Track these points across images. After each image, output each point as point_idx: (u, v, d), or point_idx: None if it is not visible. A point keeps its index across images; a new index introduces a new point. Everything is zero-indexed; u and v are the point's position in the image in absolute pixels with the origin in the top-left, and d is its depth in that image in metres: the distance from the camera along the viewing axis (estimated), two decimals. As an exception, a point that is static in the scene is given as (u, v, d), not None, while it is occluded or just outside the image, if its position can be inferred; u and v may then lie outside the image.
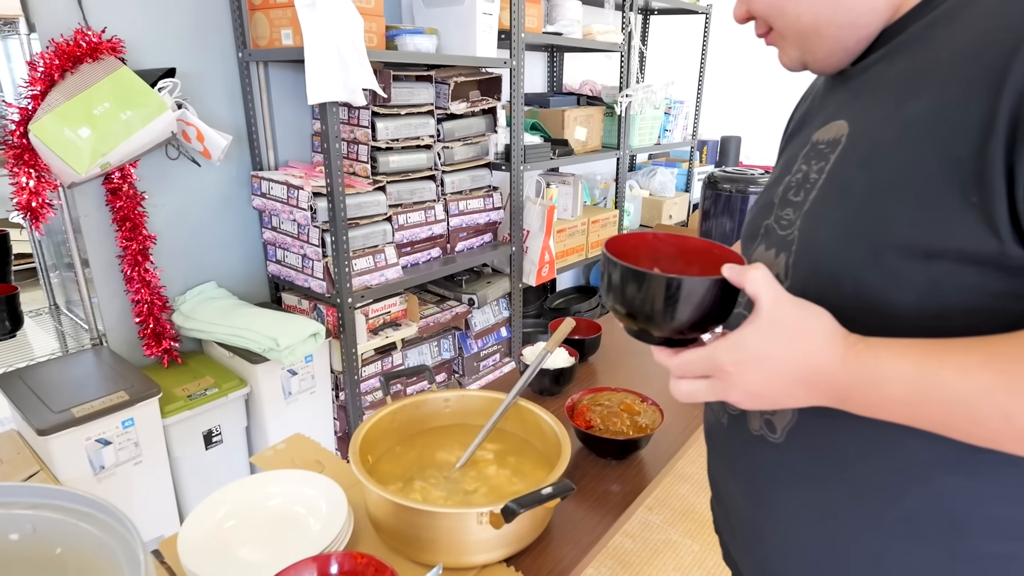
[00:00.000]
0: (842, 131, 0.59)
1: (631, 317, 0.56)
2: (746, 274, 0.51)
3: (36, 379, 1.59)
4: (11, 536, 0.61)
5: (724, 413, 0.71)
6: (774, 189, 0.68)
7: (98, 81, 1.53)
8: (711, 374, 0.53)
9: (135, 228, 1.73)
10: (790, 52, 0.63)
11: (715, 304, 0.53)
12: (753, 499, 0.67)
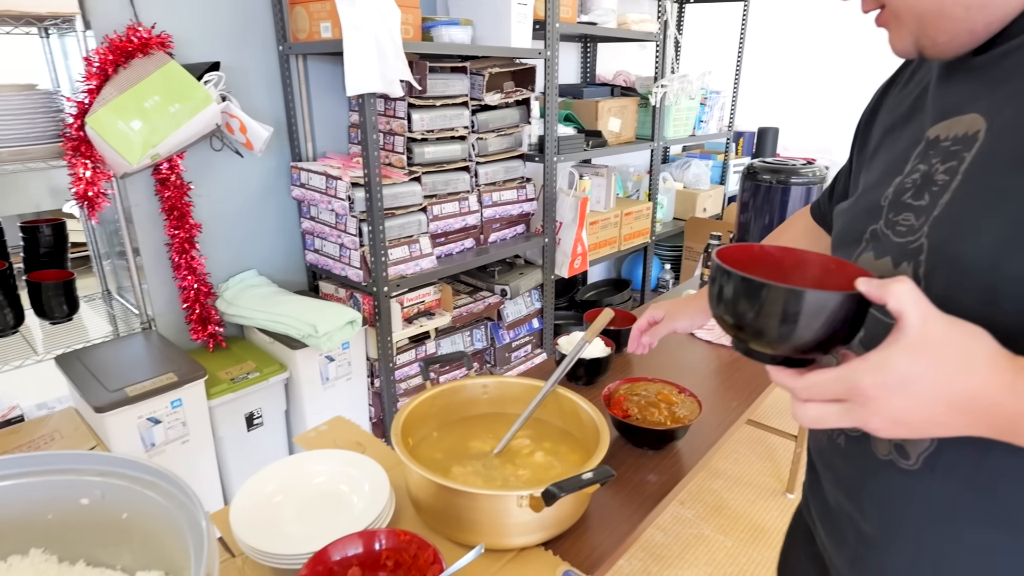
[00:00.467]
0: (976, 126, 0.53)
1: (746, 332, 0.51)
2: (888, 288, 0.45)
3: (92, 360, 1.67)
4: (82, 501, 0.66)
5: (840, 434, 0.65)
6: (879, 191, 0.62)
7: (149, 75, 1.59)
8: (847, 398, 0.47)
9: (182, 217, 1.80)
10: (904, 35, 0.56)
11: (846, 321, 0.48)
12: (885, 529, 0.61)
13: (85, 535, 0.67)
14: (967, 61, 0.56)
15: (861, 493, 0.63)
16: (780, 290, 0.48)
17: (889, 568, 0.61)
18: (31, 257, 1.91)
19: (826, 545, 0.71)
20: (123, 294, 2.16)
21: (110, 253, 2.14)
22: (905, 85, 0.68)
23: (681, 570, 1.96)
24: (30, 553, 0.66)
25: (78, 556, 0.68)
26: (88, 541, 0.67)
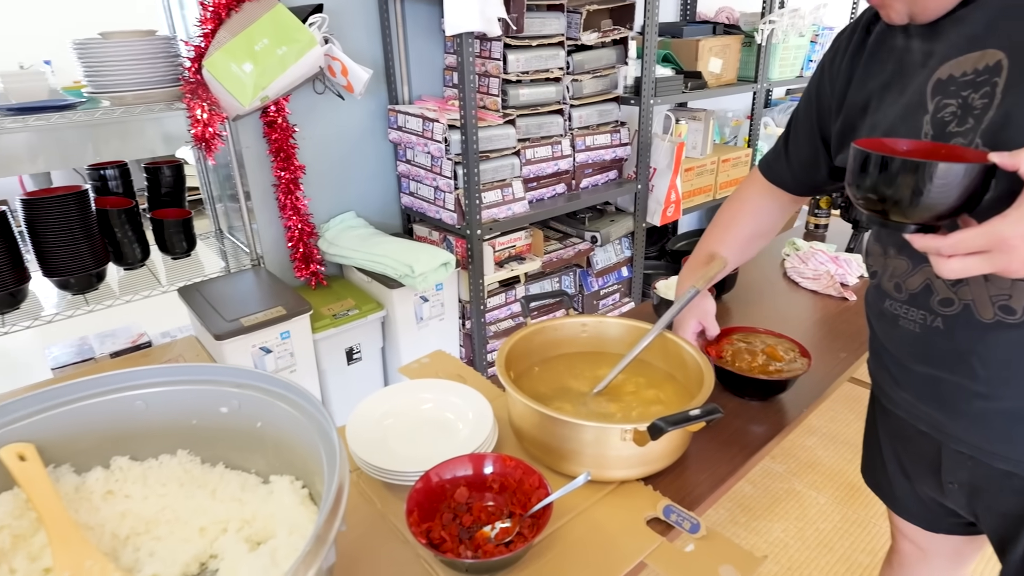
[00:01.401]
0: (995, 57, 0.65)
1: (891, 205, 0.60)
2: (1019, 156, 0.55)
3: (209, 292, 1.80)
4: (221, 409, 0.72)
5: (935, 317, 0.75)
6: (908, 129, 0.73)
7: (258, 19, 1.64)
8: (991, 248, 0.56)
9: (288, 159, 1.87)
10: (898, 7, 0.71)
11: (976, 189, 0.58)
12: (999, 383, 0.72)
13: (224, 440, 0.73)
14: (953, 14, 0.69)
15: (969, 360, 0.74)
16: (929, 165, 0.57)
17: (1011, 410, 0.73)
18: (154, 197, 2.06)
19: (937, 421, 0.81)
20: (233, 233, 2.30)
21: (222, 195, 2.27)
22: (860, 53, 0.83)
23: (770, 523, 1.93)
24: (177, 453, 0.73)
25: (218, 459, 0.74)
26: (226, 446, 0.73)
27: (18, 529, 0.63)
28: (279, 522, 0.65)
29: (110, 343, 2.09)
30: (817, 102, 0.91)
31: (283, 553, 0.60)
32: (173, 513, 0.69)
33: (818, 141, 0.93)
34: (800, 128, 0.95)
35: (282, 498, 0.67)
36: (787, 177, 1.01)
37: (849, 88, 0.85)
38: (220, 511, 0.68)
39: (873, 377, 0.95)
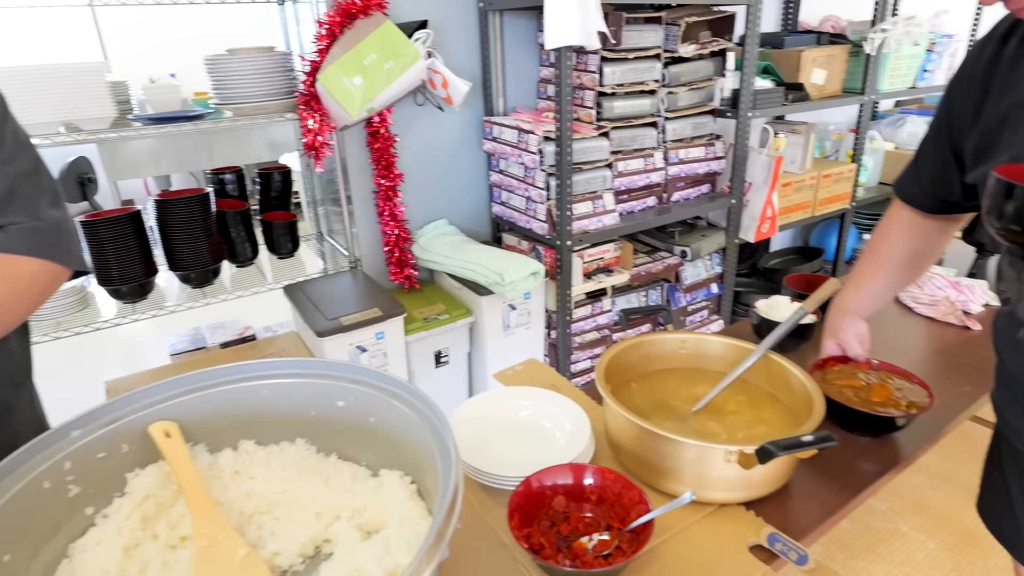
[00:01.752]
0: None
1: None
2: None
3: (311, 291, 1.90)
4: (338, 403, 0.76)
5: None
6: None
7: (368, 35, 1.73)
8: None
9: (388, 167, 1.96)
10: None
11: None
12: None
13: (338, 432, 0.77)
14: None
15: None
16: None
17: None
18: (264, 200, 2.20)
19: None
20: (333, 236, 2.42)
21: (324, 200, 2.40)
22: (997, 64, 0.78)
23: (870, 563, 1.81)
24: (296, 441, 0.78)
25: (332, 449, 0.79)
26: (340, 438, 0.78)
27: (161, 498, 0.70)
28: (389, 513, 0.68)
29: (220, 334, 2.24)
30: (947, 116, 0.87)
31: (396, 544, 0.62)
32: (292, 497, 0.73)
33: (949, 156, 0.89)
34: (931, 142, 0.93)
35: (392, 491, 0.70)
36: (918, 194, 0.98)
37: (986, 101, 0.81)
38: (333, 499, 0.72)
39: (1001, 412, 0.88)
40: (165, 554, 0.66)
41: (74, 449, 0.65)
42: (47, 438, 0.65)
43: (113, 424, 0.69)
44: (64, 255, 0.80)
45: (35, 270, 0.76)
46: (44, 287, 0.79)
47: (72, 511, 0.65)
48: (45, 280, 0.79)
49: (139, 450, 0.71)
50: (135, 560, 0.64)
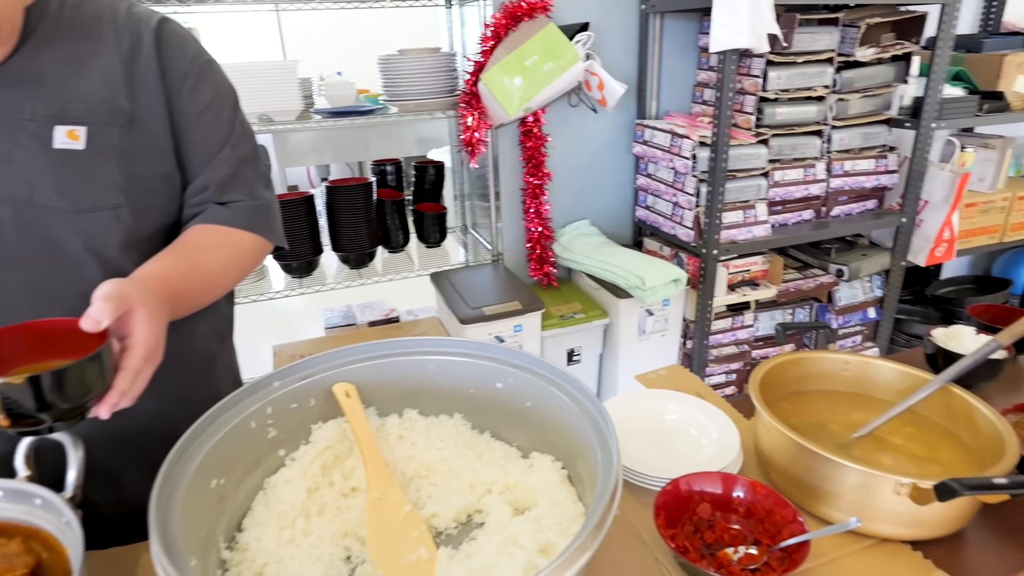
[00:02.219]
0: None
1: None
2: None
3: (456, 280, 2.00)
4: (497, 384, 0.80)
5: None
6: None
7: (531, 37, 1.79)
8: None
9: (538, 166, 2.01)
10: None
11: None
12: None
13: (494, 412, 0.81)
14: None
15: None
16: None
17: None
18: (418, 191, 2.34)
19: None
20: (477, 229, 2.52)
21: (471, 195, 2.50)
22: None
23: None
24: (454, 416, 0.83)
25: (486, 428, 0.83)
26: (495, 418, 0.82)
27: (338, 451, 0.78)
28: (540, 494, 0.71)
29: (368, 313, 2.42)
30: None
31: (548, 522, 0.65)
32: (448, 466, 0.78)
33: None
34: None
35: (543, 473, 0.73)
36: None
37: None
38: (486, 473, 0.77)
39: None
40: (339, 500, 0.74)
41: (274, 397, 0.75)
42: (255, 385, 0.74)
43: (305, 380, 0.78)
44: (272, 232, 0.90)
45: (250, 243, 0.87)
46: (254, 258, 0.89)
47: (269, 451, 0.75)
48: (256, 252, 0.89)
49: (323, 405, 0.79)
50: (315, 501, 0.72)
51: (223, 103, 0.86)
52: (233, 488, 0.70)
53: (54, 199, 0.73)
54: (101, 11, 0.79)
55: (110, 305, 0.60)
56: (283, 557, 0.66)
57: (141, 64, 0.78)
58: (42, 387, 0.55)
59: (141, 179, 0.79)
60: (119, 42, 0.78)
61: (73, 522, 0.61)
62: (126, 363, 0.62)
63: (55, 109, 0.74)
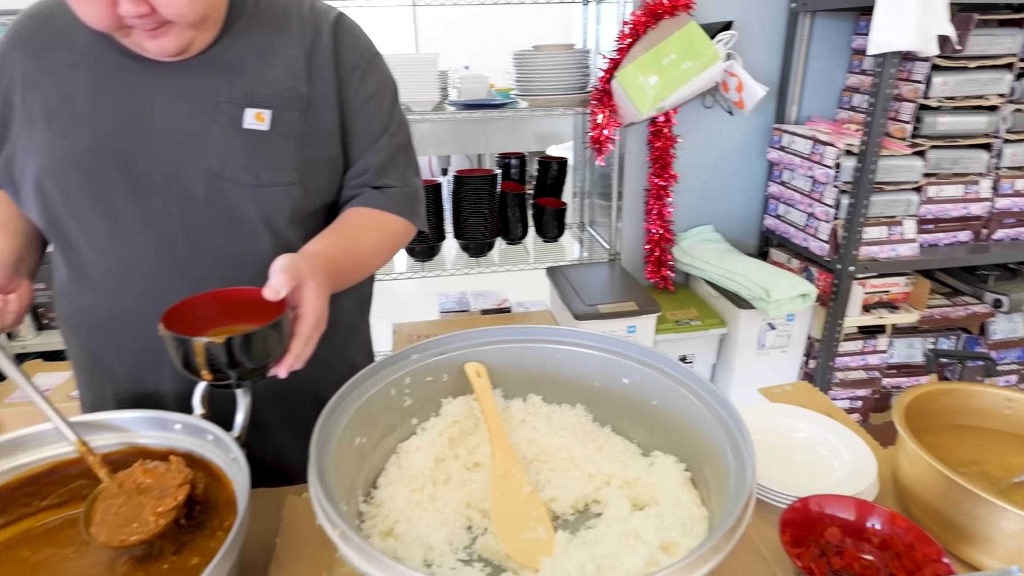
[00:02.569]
0: None
1: None
2: None
3: (571, 276, 2.02)
4: (623, 380, 0.80)
5: None
6: None
7: (671, 35, 1.75)
8: None
9: (664, 167, 1.97)
10: None
11: None
12: None
13: (617, 407, 0.82)
14: None
15: None
16: None
17: None
18: (540, 185, 2.37)
19: None
20: (594, 227, 2.52)
21: (591, 192, 2.50)
22: None
23: None
24: (576, 406, 0.85)
25: (607, 421, 0.84)
26: (617, 413, 0.82)
27: (464, 426, 0.81)
28: (661, 493, 0.71)
29: (482, 301, 2.49)
30: None
31: (670, 521, 0.65)
32: (568, 453, 0.80)
33: None
34: None
35: (665, 473, 0.73)
36: None
37: None
38: (606, 466, 0.77)
39: None
40: (463, 473, 0.77)
41: (412, 368, 0.80)
42: (396, 356, 0.79)
43: (440, 356, 0.82)
44: (418, 217, 0.96)
45: (398, 226, 0.93)
46: (401, 241, 0.95)
47: (404, 418, 0.80)
48: (403, 235, 0.95)
49: (454, 382, 0.83)
50: (442, 470, 0.76)
51: (385, 94, 0.92)
52: (372, 448, 0.75)
53: (241, 173, 0.82)
54: (288, 6, 0.87)
55: (287, 277, 0.66)
56: (412, 517, 0.70)
57: (320, 55, 0.86)
58: (235, 347, 0.63)
59: (311, 160, 0.86)
60: (302, 34, 0.86)
61: (240, 459, 0.68)
62: (299, 329, 0.68)
63: (247, 93, 0.82)
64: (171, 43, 0.76)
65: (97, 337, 0.90)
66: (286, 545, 0.74)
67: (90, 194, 0.81)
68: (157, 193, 0.81)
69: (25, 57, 0.81)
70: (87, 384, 0.96)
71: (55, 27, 0.82)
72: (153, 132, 0.80)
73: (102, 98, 0.80)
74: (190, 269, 0.84)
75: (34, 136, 0.81)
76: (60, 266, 0.89)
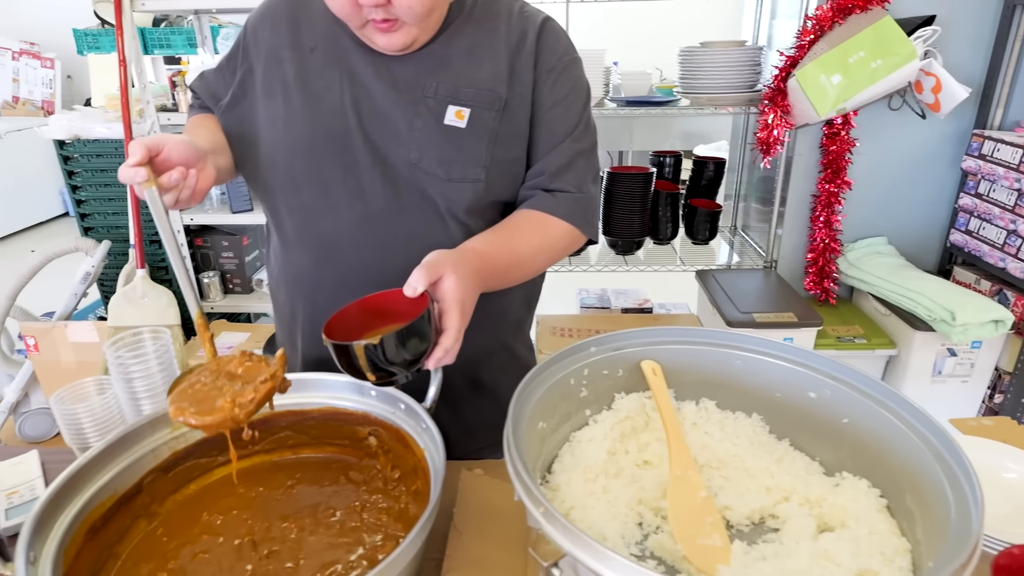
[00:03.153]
0: None
1: None
2: None
3: (723, 281, 1.95)
4: (810, 394, 0.77)
5: None
6: None
7: (860, 31, 1.63)
8: None
9: (837, 173, 1.84)
10: None
11: None
12: None
13: (800, 421, 0.79)
14: None
15: None
16: None
17: None
18: (693, 186, 2.31)
19: None
20: (746, 232, 2.41)
21: (748, 196, 2.40)
22: None
23: None
24: (752, 416, 0.82)
25: (785, 435, 0.81)
26: (799, 427, 0.79)
27: (636, 423, 0.82)
28: (851, 516, 0.67)
29: (623, 300, 2.48)
30: None
31: (866, 548, 0.61)
32: (742, 463, 0.78)
33: None
34: None
35: (856, 496, 0.69)
36: None
37: None
38: (785, 480, 0.75)
39: None
40: (633, 469, 0.78)
41: (590, 361, 0.81)
42: (576, 347, 0.82)
43: (617, 351, 0.83)
44: (588, 225, 0.94)
45: (563, 232, 0.91)
46: (565, 247, 0.93)
47: (579, 408, 0.82)
48: (568, 241, 0.92)
49: (628, 377, 0.84)
50: (613, 463, 0.77)
51: (576, 98, 0.92)
52: (550, 433, 0.78)
53: (434, 166, 0.87)
54: (500, 9, 0.91)
55: (424, 273, 0.69)
56: (587, 505, 0.72)
57: (522, 58, 0.88)
58: (387, 346, 0.67)
59: (500, 160, 0.89)
60: (509, 37, 0.89)
61: (432, 429, 0.74)
62: (446, 323, 0.70)
63: (451, 90, 0.88)
64: (399, 39, 0.82)
65: (296, 296, 0.98)
66: (463, 517, 0.79)
67: (310, 168, 0.89)
68: (365, 173, 0.89)
69: (273, 33, 0.91)
70: (285, 338, 1.06)
71: (302, 10, 0.91)
72: (368, 117, 0.88)
73: (331, 81, 0.88)
74: (385, 246, 0.90)
75: (270, 108, 0.90)
76: (272, 232, 1.00)
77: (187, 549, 0.73)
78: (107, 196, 2.40)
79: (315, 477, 0.85)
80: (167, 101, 2.25)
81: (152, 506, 0.78)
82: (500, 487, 0.85)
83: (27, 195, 5.09)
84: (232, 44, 0.97)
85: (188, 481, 0.82)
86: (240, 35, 0.95)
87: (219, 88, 0.97)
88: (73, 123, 2.15)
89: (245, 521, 0.77)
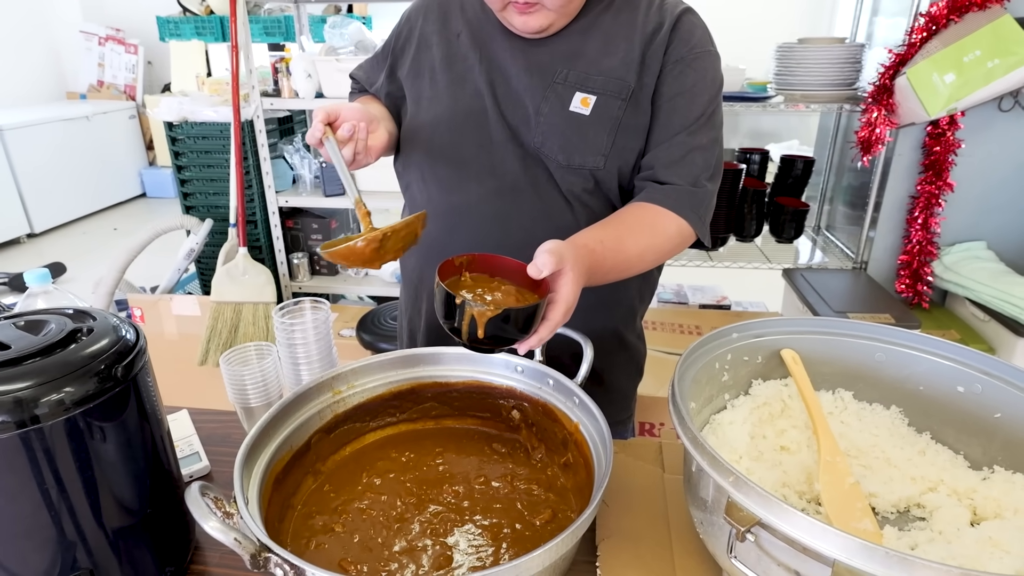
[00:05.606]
0: None
1: None
2: None
3: (812, 280, 1.94)
4: (958, 388, 0.78)
5: None
6: None
7: (977, 29, 1.60)
8: None
9: (939, 174, 1.81)
10: None
11: None
12: None
13: (943, 414, 0.80)
14: None
15: None
16: None
17: None
18: (779, 183, 2.29)
19: None
20: (831, 231, 2.38)
21: (835, 195, 2.36)
22: None
23: None
24: (891, 408, 0.84)
25: (926, 428, 0.82)
26: (942, 420, 0.80)
27: (772, 409, 0.85)
28: (1007, 508, 0.68)
29: (700, 296, 2.49)
30: None
31: (1033, 540, 0.63)
32: (883, 453, 0.80)
33: None
34: None
35: (1012, 490, 0.70)
36: None
37: None
38: (932, 472, 0.76)
39: None
40: (773, 454, 0.81)
41: (732, 347, 0.84)
42: (719, 332, 0.84)
43: (758, 338, 0.86)
44: (698, 222, 0.89)
45: (673, 229, 0.88)
46: (674, 245, 0.89)
47: (720, 391, 0.85)
48: (677, 239, 0.89)
49: (766, 365, 0.87)
50: (754, 447, 0.81)
51: (701, 91, 0.90)
52: (695, 414, 0.82)
53: (555, 151, 0.91)
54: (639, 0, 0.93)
55: (552, 259, 0.69)
56: (736, 484, 0.75)
57: (654, 47, 0.89)
58: (499, 318, 0.68)
59: (621, 149, 0.91)
60: (645, 27, 0.91)
61: (587, 403, 0.78)
62: (550, 315, 0.71)
63: (581, 78, 0.91)
64: (536, 22, 0.87)
65: (425, 264, 1.04)
66: (610, 492, 0.83)
67: (448, 144, 0.95)
68: (498, 151, 0.93)
69: (426, 21, 0.99)
70: (410, 302, 1.11)
71: (453, 1, 0.98)
72: (503, 99, 0.93)
73: (472, 63, 0.94)
74: (510, 220, 0.94)
75: (416, 87, 0.98)
76: (408, 204, 1.06)
77: (354, 505, 0.80)
78: (209, 177, 2.53)
79: (459, 447, 0.90)
80: (268, 87, 2.36)
81: (317, 464, 0.85)
82: (633, 464, 0.89)
83: (109, 176, 5.38)
84: (389, 34, 1.04)
85: (345, 444, 0.89)
86: (397, 25, 1.03)
87: (373, 74, 1.05)
88: (183, 106, 2.28)
89: (404, 483, 0.83)
